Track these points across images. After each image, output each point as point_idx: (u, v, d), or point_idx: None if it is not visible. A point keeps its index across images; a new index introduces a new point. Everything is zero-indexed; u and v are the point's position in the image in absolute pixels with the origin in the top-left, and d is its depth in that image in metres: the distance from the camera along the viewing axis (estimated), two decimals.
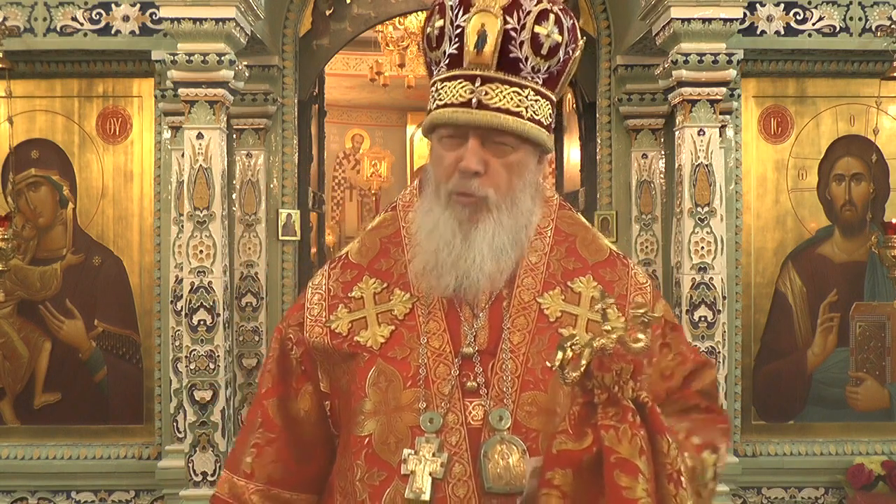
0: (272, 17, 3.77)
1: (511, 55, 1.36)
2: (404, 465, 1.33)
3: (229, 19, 3.15)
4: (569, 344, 1.21)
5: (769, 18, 3.51)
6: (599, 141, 4.02)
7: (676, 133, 3.43)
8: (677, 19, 3.18)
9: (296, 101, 3.97)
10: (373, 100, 10.67)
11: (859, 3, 3.52)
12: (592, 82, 4.06)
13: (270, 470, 1.51)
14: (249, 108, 3.77)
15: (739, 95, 3.73)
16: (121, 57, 3.67)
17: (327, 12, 4.03)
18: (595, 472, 1.18)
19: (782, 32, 3.52)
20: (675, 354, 1.50)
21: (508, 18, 1.36)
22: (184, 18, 3.15)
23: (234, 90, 3.40)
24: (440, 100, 1.40)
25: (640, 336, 1.21)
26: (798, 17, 3.52)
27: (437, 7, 1.43)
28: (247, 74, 3.48)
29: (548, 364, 1.30)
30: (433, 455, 1.33)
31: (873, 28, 3.52)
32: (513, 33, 1.36)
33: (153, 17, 3.42)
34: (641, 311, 1.23)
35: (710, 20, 3.19)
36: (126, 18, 3.46)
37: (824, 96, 3.87)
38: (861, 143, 3.85)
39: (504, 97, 1.36)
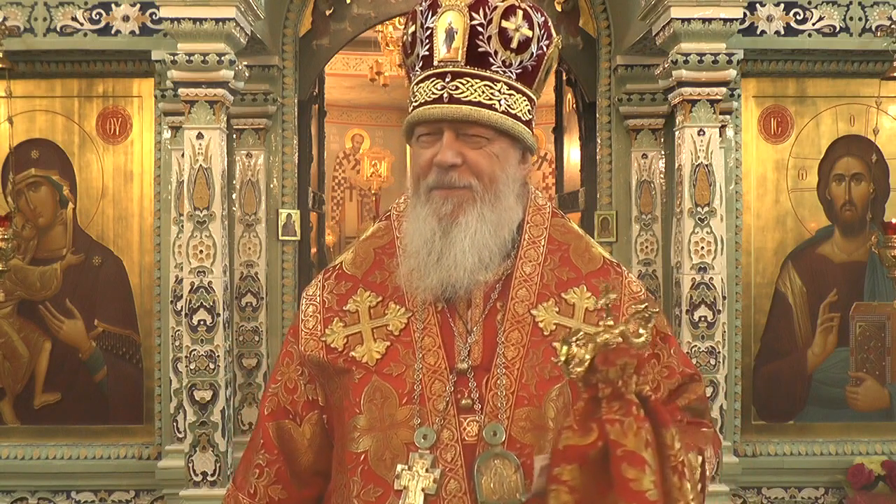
0: (272, 17, 3.78)
1: (479, 49, 1.38)
2: (398, 481, 1.33)
3: (229, 19, 3.15)
4: (573, 339, 1.20)
5: (769, 18, 3.51)
6: (599, 141, 4.03)
7: (676, 133, 3.43)
8: (677, 19, 3.18)
9: (296, 101, 3.97)
10: (373, 100, 10.67)
11: (859, 3, 3.52)
12: (592, 82, 4.06)
13: (271, 490, 1.52)
14: (249, 108, 3.77)
15: (739, 95, 3.73)
16: (121, 57, 3.67)
17: (327, 12, 4.03)
18: (602, 467, 1.18)
19: (782, 32, 3.52)
20: (662, 367, 1.49)
21: (474, 14, 1.38)
22: (184, 18, 3.15)
23: (234, 90, 3.40)
24: (415, 101, 1.42)
25: (642, 331, 1.21)
26: (798, 17, 3.52)
27: (409, 14, 1.47)
28: (247, 74, 3.49)
29: (553, 360, 1.29)
30: (426, 471, 1.33)
31: (873, 28, 3.52)
32: (479, 28, 1.38)
33: (153, 17, 3.42)
34: (643, 306, 1.23)
35: (710, 20, 3.19)
36: (126, 18, 3.46)
37: (824, 96, 3.87)
38: (861, 143, 3.85)
39: (475, 91, 1.38)
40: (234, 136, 3.81)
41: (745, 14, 3.35)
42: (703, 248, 3.32)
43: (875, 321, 3.88)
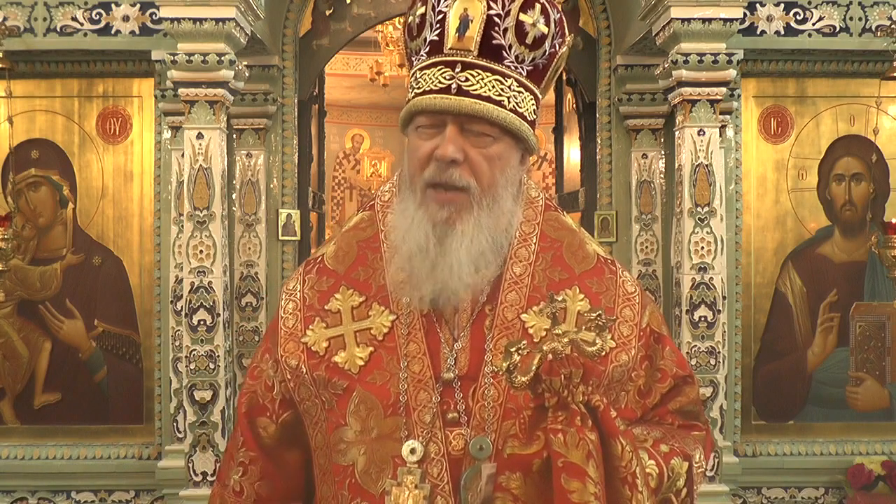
0: (272, 17, 3.77)
1: (494, 41, 1.30)
2: (388, 497, 1.28)
3: (229, 19, 3.15)
4: (515, 348, 1.17)
5: (769, 18, 3.51)
6: (599, 141, 4.03)
7: (676, 133, 3.43)
8: (677, 19, 3.18)
9: (296, 101, 3.97)
10: (373, 100, 10.68)
11: (859, 3, 3.52)
12: (592, 82, 4.06)
13: (258, 487, 1.47)
14: (249, 108, 3.77)
15: (739, 95, 3.73)
16: (121, 57, 3.67)
17: (327, 12, 4.03)
18: (547, 476, 1.16)
19: (782, 32, 3.52)
20: (655, 370, 1.45)
21: (492, 4, 1.30)
22: (184, 18, 3.15)
23: (234, 90, 3.40)
24: (418, 88, 1.33)
25: (597, 340, 1.19)
26: (798, 17, 3.52)
27: None
28: (247, 74, 3.49)
29: (493, 368, 1.26)
30: (416, 487, 1.28)
31: (873, 28, 3.52)
32: (496, 19, 1.30)
33: (153, 17, 3.42)
34: (595, 313, 1.19)
35: (710, 20, 3.19)
36: (126, 18, 3.46)
37: (824, 96, 3.87)
38: (861, 143, 3.85)
39: (485, 84, 1.30)
40: (234, 136, 3.81)
41: (745, 14, 3.35)
42: (703, 248, 3.32)
43: (875, 321, 3.88)
